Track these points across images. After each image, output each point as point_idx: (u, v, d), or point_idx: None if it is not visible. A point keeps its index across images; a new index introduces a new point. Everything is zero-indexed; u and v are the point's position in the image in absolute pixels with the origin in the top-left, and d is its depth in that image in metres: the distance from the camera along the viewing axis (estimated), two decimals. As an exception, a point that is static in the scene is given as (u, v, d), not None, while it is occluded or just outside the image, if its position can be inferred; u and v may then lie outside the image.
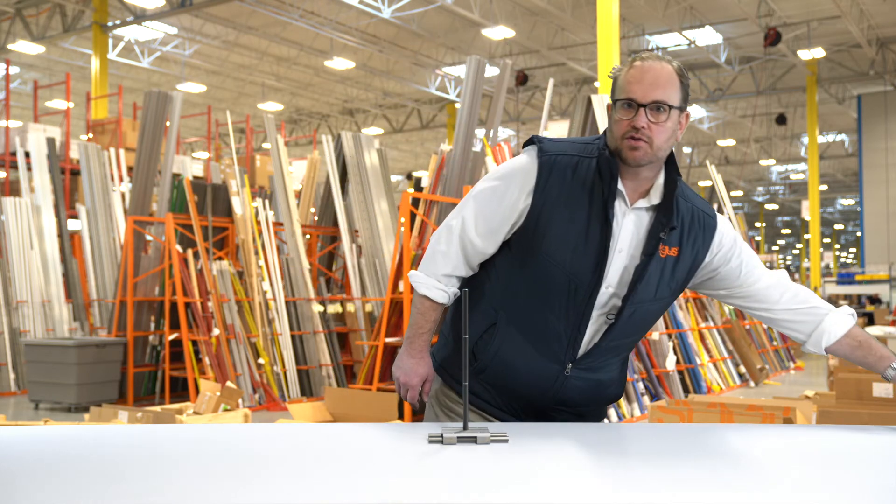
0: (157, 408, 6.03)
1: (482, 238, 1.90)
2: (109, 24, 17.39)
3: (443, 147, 7.84)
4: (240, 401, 6.34)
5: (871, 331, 10.01)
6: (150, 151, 9.02)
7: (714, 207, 2.01)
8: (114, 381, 8.19)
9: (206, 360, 8.01)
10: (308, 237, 10.09)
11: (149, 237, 9.03)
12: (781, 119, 24.80)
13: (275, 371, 8.48)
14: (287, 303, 8.79)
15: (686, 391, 8.85)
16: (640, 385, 8.09)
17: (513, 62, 18.87)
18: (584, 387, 1.93)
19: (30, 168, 11.28)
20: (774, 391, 9.59)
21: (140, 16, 17.17)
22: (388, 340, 7.19)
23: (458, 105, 8.98)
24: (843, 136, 31.79)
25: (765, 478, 1.45)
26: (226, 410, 6.07)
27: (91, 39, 17.64)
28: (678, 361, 8.97)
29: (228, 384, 6.63)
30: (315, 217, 10.61)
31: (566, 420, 1.96)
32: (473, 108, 8.05)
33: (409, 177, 30.65)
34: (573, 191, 1.84)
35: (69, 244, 10.98)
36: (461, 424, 1.62)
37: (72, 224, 11.94)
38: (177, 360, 8.62)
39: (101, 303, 10.69)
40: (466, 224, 1.91)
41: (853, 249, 58.73)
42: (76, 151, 12.68)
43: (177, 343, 8.48)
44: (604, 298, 1.87)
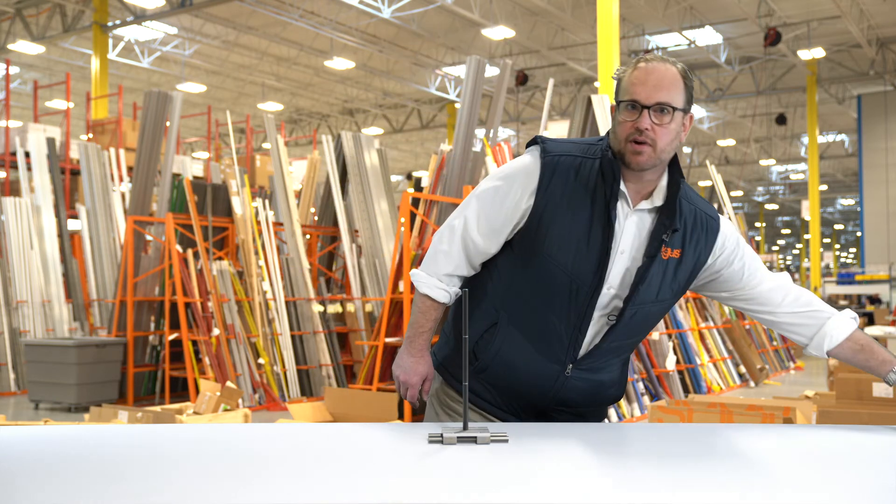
0: (157, 408, 6.03)
1: (484, 238, 1.90)
2: (109, 24, 17.39)
3: (443, 147, 7.84)
4: (240, 401, 6.34)
5: (871, 331, 10.02)
6: (150, 151, 9.02)
7: (714, 207, 2.01)
8: (114, 381, 8.20)
9: (206, 360, 8.01)
10: (308, 237, 10.09)
11: (149, 237, 9.03)
12: (781, 119, 24.80)
13: (275, 371, 8.48)
14: (287, 303, 8.79)
15: (686, 391, 8.85)
16: (640, 385, 8.09)
17: (513, 62, 18.87)
18: (585, 387, 1.94)
19: (30, 168, 11.28)
20: (774, 391, 9.59)
21: (140, 16, 17.17)
22: (388, 340, 7.19)
23: (458, 105, 8.98)
24: (843, 136, 31.78)
25: (765, 478, 1.44)
26: (226, 410, 6.07)
27: (91, 39, 17.64)
28: (678, 361, 8.97)
29: (228, 384, 6.63)
30: (315, 217, 10.61)
31: (566, 420, 1.96)
32: (473, 108, 8.05)
33: (409, 177, 30.64)
34: (576, 192, 1.84)
35: (69, 244, 10.98)
36: (461, 424, 1.62)
37: (72, 224, 11.94)
38: (177, 360, 8.62)
39: (101, 303, 10.69)
40: (469, 224, 1.91)
41: (853, 249, 58.72)
42: (76, 151, 12.68)
43: (177, 343, 8.48)
44: (605, 300, 1.87)
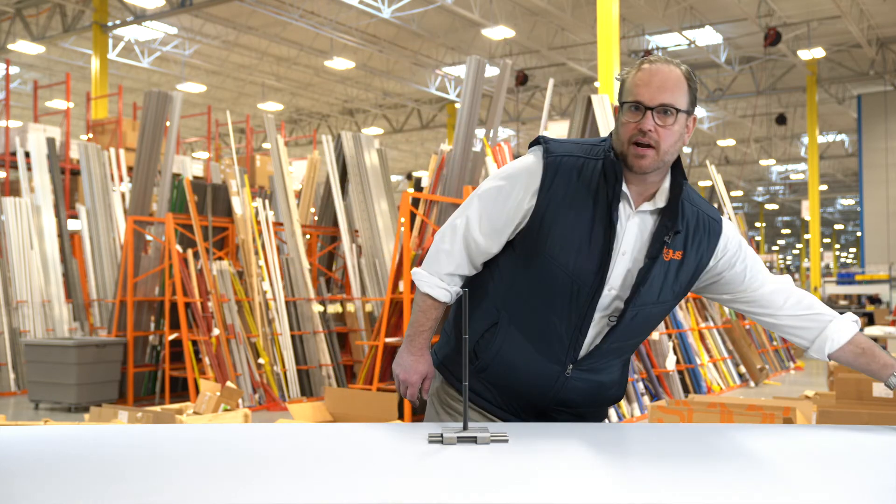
0: (157, 408, 6.03)
1: (486, 237, 1.90)
2: (109, 24, 17.39)
3: (443, 147, 7.84)
4: (240, 401, 6.34)
5: (871, 331, 10.02)
6: (150, 151, 9.02)
7: (716, 209, 2.02)
8: (114, 381, 8.20)
9: (206, 360, 8.01)
10: (308, 237, 10.08)
11: (149, 237, 9.03)
12: (781, 119, 24.79)
13: (275, 371, 8.48)
14: (287, 303, 8.79)
15: (686, 391, 8.85)
16: (640, 385, 8.09)
17: (513, 62, 18.87)
18: (585, 388, 1.94)
19: (30, 168, 11.28)
20: (774, 391, 9.59)
21: (140, 16, 17.16)
22: (388, 340, 7.19)
23: (458, 105, 8.98)
24: (843, 136, 31.77)
25: (765, 478, 1.44)
26: (226, 410, 6.07)
27: (91, 39, 17.64)
28: (678, 361, 8.96)
29: (228, 384, 6.63)
30: (315, 217, 10.61)
31: (566, 420, 1.96)
32: (473, 108, 8.05)
33: (409, 177, 30.64)
34: (578, 192, 1.84)
35: (69, 244, 10.98)
36: (461, 424, 1.62)
37: (72, 224, 11.94)
38: (177, 360, 8.62)
39: (101, 303, 10.69)
40: (471, 223, 1.91)
41: (853, 249, 58.71)
42: (76, 151, 12.68)
43: (177, 343, 8.48)
44: (606, 301, 1.87)
